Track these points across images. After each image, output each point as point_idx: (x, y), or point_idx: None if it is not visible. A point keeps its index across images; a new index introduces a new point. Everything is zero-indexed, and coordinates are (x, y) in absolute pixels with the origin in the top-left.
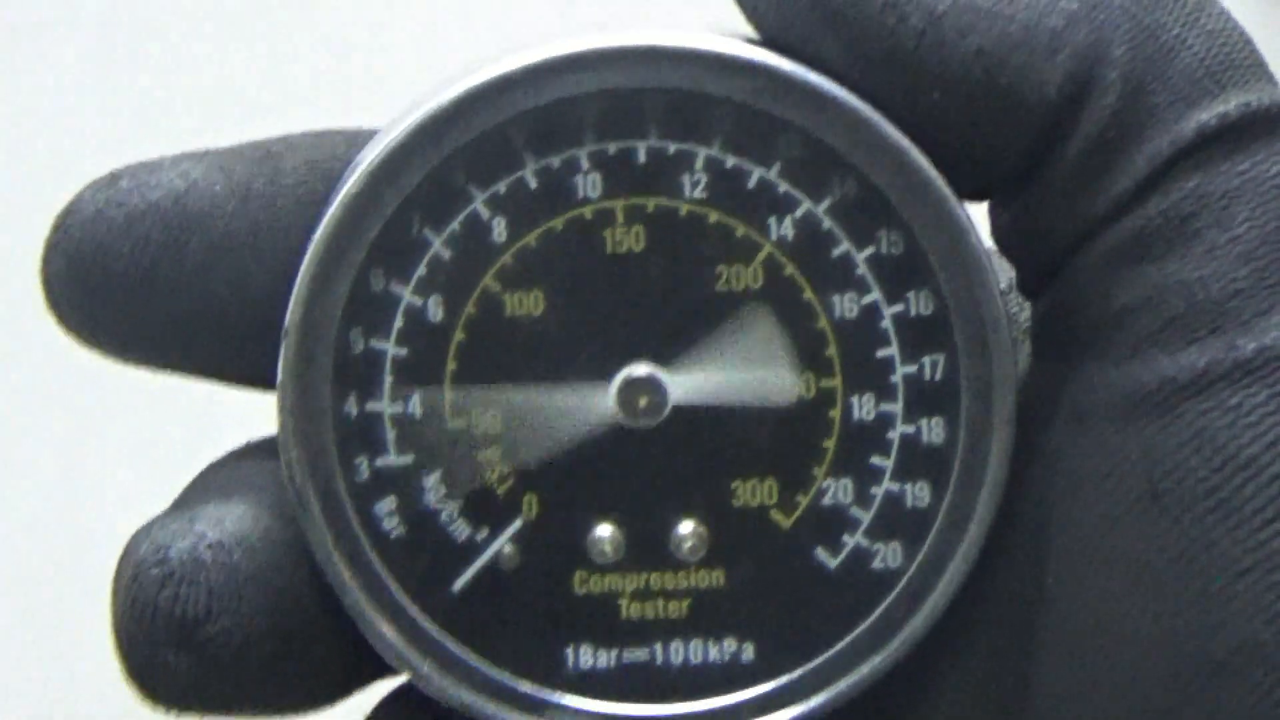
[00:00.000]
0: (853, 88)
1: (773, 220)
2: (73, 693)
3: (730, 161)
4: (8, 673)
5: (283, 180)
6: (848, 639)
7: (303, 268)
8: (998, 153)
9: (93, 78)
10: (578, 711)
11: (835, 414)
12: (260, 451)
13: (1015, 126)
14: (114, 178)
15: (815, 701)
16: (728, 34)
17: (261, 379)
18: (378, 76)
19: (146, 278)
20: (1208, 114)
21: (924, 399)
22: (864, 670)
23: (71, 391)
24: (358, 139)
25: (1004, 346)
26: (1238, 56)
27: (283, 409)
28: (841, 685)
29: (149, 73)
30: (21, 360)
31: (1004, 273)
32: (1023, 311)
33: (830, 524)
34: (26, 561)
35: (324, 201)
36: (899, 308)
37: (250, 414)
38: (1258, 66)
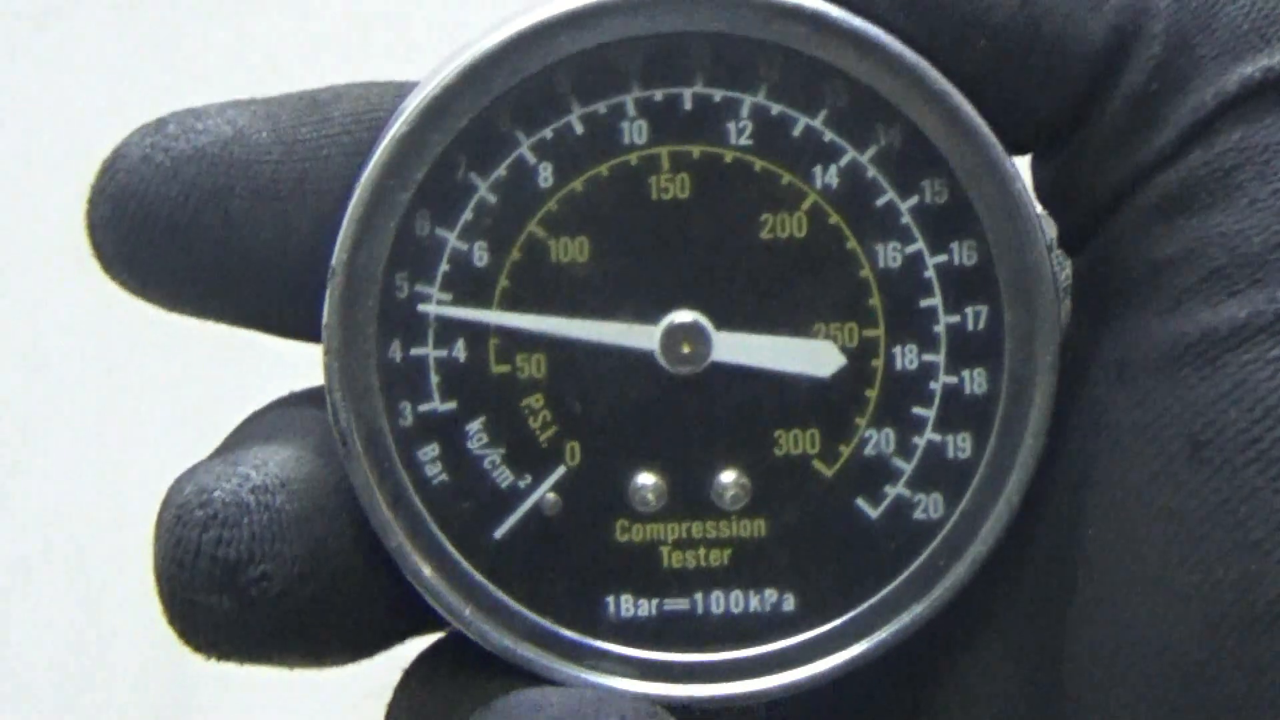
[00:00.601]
0: (898, 34)
1: (818, 168)
2: (108, 652)
3: (776, 109)
4: (46, 629)
5: (329, 129)
6: (888, 589)
7: (349, 209)
8: (1042, 103)
9: (127, 41)
10: (618, 658)
11: (878, 363)
12: (304, 400)
13: (1059, 77)
14: (161, 123)
15: (855, 650)
16: None
17: (305, 329)
18: (410, 38)
19: (191, 224)
20: (1252, 67)
21: (967, 349)
22: (904, 620)
23: (113, 345)
24: (404, 90)
25: (1047, 295)
26: None
27: (328, 351)
28: (882, 635)
29: (179, 33)
30: (65, 311)
31: (1047, 228)
32: (1065, 268)
33: (872, 474)
34: (68, 517)
35: (370, 150)
36: (943, 257)
37: (294, 365)
38: None
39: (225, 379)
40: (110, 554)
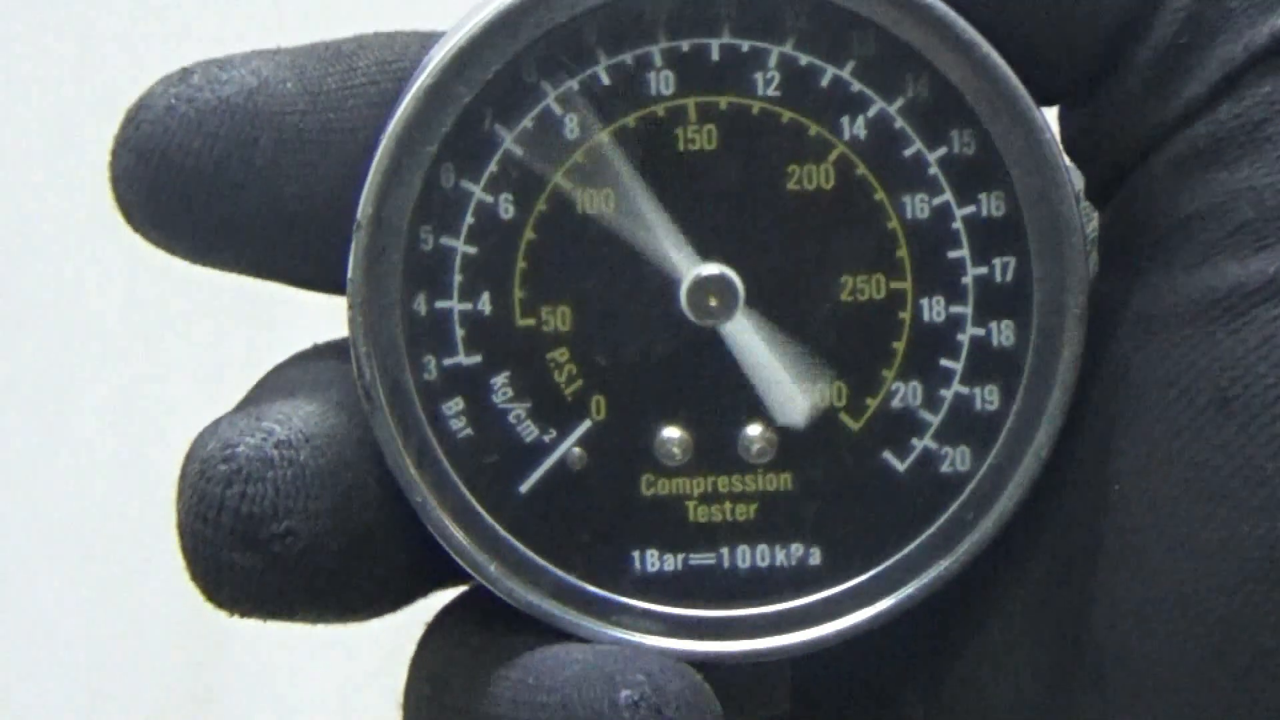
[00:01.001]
0: None
1: (845, 119)
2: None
3: (803, 59)
4: (74, 589)
5: (354, 80)
6: (915, 543)
7: (375, 160)
8: (1070, 55)
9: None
10: (644, 614)
11: (905, 315)
12: (327, 353)
13: (1088, 27)
14: (186, 73)
15: (882, 605)
16: None
17: (329, 282)
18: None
19: (216, 174)
20: None
21: (994, 301)
22: (932, 574)
23: (137, 300)
24: (430, 40)
25: (1076, 246)
26: None
27: (353, 304)
28: (909, 589)
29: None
30: (90, 266)
31: (1074, 180)
32: (1091, 221)
33: (899, 427)
34: (93, 477)
35: (395, 102)
36: (970, 209)
37: (317, 320)
38: None
39: (251, 349)
40: (136, 531)
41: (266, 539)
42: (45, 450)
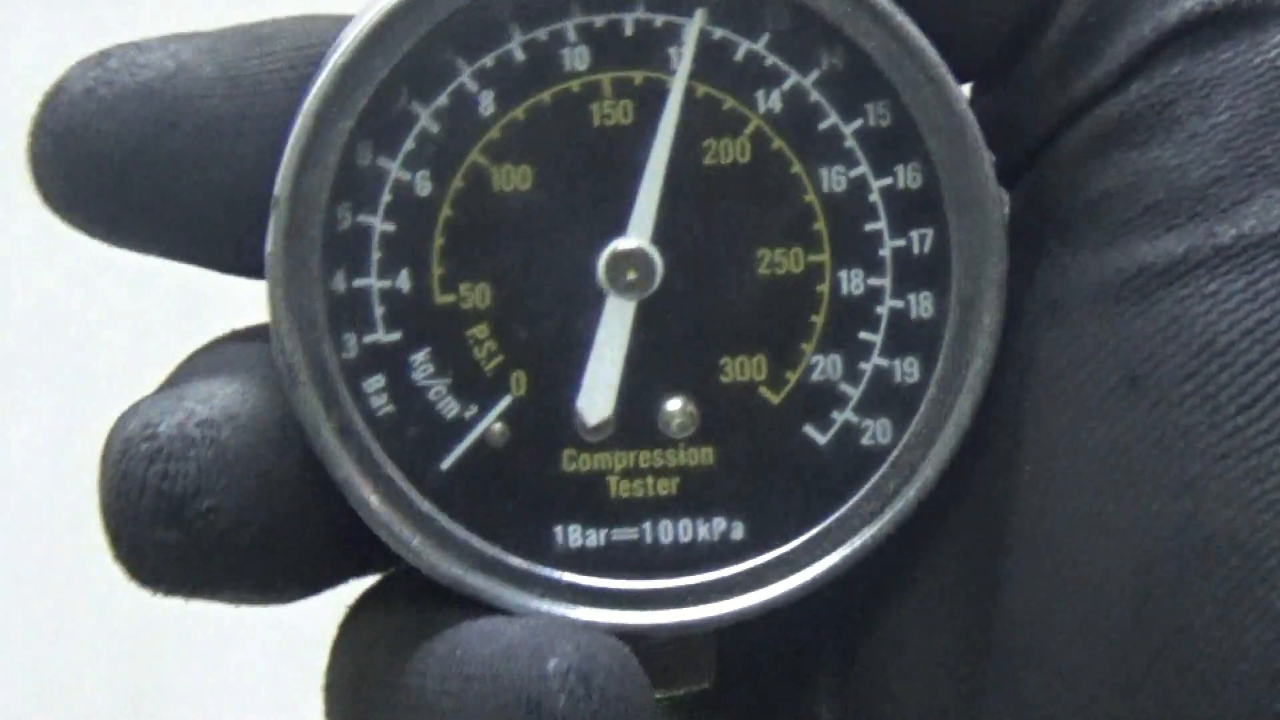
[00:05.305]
0: None
1: (760, 93)
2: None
3: (718, 34)
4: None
5: (272, 63)
6: (837, 514)
7: (292, 136)
8: (981, 34)
9: None
10: (569, 586)
11: (824, 289)
12: (248, 335)
13: (998, 7)
14: (103, 56)
15: (807, 575)
16: None
17: (249, 266)
18: None
19: (134, 158)
20: (1192, 1)
21: (913, 273)
22: (856, 543)
23: (62, 286)
24: (344, 23)
25: (994, 212)
26: None
27: (272, 280)
28: (834, 558)
29: None
30: (13, 253)
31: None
32: (1004, 203)
33: (819, 400)
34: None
35: (310, 79)
36: (887, 180)
37: (240, 305)
38: None
39: (170, 317)
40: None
41: (189, 517)
42: None
